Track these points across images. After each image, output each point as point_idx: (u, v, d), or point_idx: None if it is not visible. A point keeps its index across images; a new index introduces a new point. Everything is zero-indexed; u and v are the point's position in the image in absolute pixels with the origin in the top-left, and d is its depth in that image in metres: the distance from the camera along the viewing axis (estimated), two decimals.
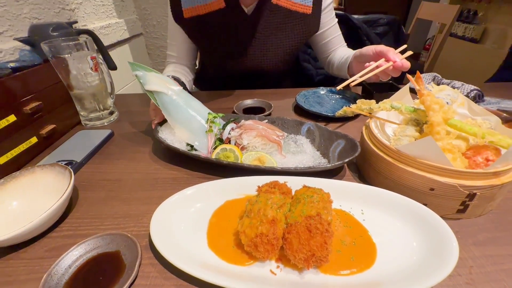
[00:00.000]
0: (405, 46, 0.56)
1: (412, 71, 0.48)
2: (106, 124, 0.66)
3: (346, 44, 0.83)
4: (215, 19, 0.68)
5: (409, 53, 0.55)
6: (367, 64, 0.55)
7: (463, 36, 2.40)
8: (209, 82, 0.87)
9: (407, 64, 0.52)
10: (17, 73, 0.52)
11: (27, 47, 0.63)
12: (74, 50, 0.58)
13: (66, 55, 0.57)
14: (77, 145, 0.57)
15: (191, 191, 0.38)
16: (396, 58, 0.52)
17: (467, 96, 0.63)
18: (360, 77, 0.53)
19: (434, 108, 0.37)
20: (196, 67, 0.89)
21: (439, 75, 0.71)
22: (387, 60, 0.53)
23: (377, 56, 0.57)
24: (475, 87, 0.64)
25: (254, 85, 0.82)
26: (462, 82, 0.66)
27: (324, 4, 0.72)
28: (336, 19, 0.78)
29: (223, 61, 0.75)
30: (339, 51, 0.77)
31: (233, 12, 0.68)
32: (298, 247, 0.28)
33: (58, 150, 0.55)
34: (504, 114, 0.52)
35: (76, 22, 0.70)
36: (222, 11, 0.68)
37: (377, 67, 0.53)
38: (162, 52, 1.51)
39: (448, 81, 0.67)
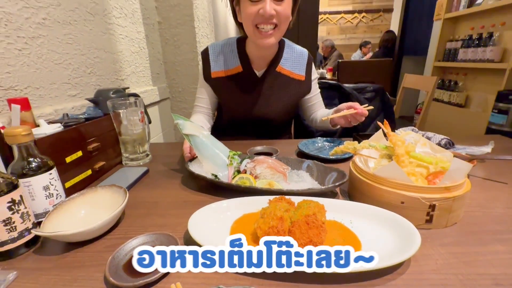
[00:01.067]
0: (366, 104, 0.81)
1: None
2: (141, 164, 0.80)
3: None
4: (235, 79, 0.93)
5: (370, 107, 0.80)
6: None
7: (449, 102, 2.67)
8: (223, 131, 1.05)
9: (366, 112, 0.78)
10: (87, 122, 0.69)
11: (92, 105, 0.83)
12: (128, 107, 0.76)
13: (122, 110, 0.76)
14: (120, 178, 0.70)
15: (224, 204, 0.49)
16: (359, 108, 0.77)
17: (438, 143, 0.76)
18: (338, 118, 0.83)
19: (398, 144, 0.51)
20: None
21: (416, 128, 0.86)
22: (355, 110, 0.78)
23: (348, 108, 0.80)
24: (445, 137, 0.78)
25: (261, 132, 1.01)
26: (434, 133, 0.80)
27: (312, 77, 0.99)
28: (319, 90, 1.04)
29: (237, 111, 0.97)
30: (320, 111, 1.02)
31: (248, 75, 0.92)
32: (299, 236, 0.38)
33: (105, 181, 0.68)
34: (464, 154, 0.65)
35: (128, 88, 0.92)
36: (240, 74, 0.92)
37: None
38: (183, 113, 1.76)
39: (423, 132, 0.82)
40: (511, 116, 1.85)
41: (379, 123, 0.57)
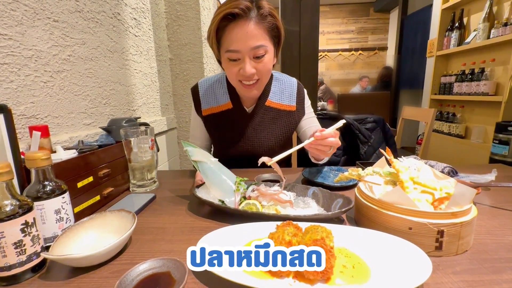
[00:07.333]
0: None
1: None
2: (148, 190, 0.81)
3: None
4: (225, 115, 0.94)
5: (340, 124, 0.64)
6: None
7: (449, 133, 2.70)
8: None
9: (331, 139, 0.63)
10: (100, 149, 0.72)
11: (104, 133, 0.87)
12: (139, 135, 0.80)
13: (133, 138, 0.79)
14: (127, 204, 0.70)
15: (232, 229, 0.49)
16: (319, 134, 0.62)
17: (441, 171, 0.77)
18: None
19: (402, 170, 0.52)
20: None
21: (418, 157, 0.88)
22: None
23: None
24: (448, 165, 0.79)
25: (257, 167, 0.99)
26: (436, 161, 0.82)
27: (306, 104, 0.97)
28: (315, 115, 1.01)
29: (229, 147, 0.96)
30: None
31: (238, 111, 0.94)
32: None
33: (113, 207, 0.68)
34: (468, 182, 0.66)
35: (139, 117, 0.97)
36: (230, 110, 0.94)
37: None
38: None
39: (425, 160, 0.83)
40: None
41: (382, 150, 0.59)
